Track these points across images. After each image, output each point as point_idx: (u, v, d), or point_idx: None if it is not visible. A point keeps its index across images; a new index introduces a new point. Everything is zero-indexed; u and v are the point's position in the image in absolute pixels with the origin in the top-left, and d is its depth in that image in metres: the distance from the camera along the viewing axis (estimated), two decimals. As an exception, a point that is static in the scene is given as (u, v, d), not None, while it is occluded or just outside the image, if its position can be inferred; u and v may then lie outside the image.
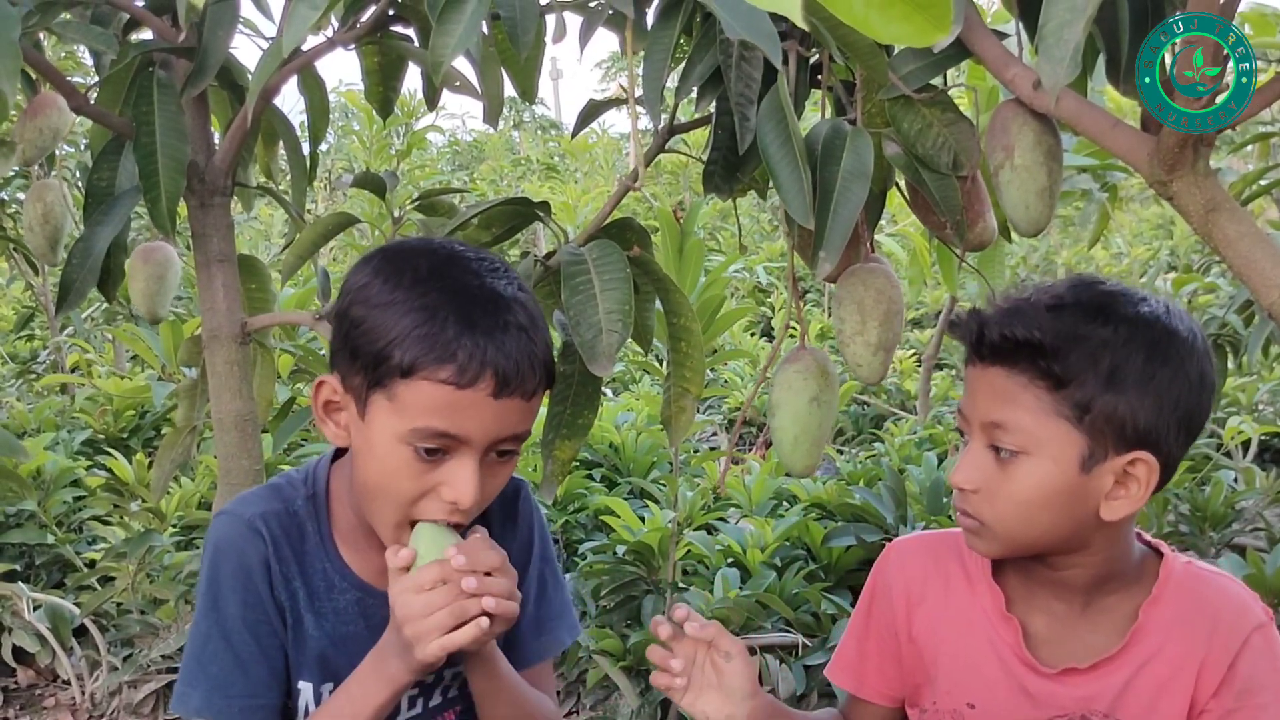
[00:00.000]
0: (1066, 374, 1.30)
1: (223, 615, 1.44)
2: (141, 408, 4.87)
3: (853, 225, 1.60)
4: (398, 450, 1.32)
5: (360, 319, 1.33)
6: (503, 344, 1.30)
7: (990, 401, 1.35)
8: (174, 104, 1.98)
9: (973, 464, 1.38)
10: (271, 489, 1.51)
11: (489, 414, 1.31)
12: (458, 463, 1.33)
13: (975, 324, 1.38)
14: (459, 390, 1.28)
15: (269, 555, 1.45)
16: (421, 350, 1.28)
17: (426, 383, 1.28)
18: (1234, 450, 4.42)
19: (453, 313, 1.29)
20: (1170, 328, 1.34)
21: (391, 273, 1.34)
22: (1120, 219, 8.48)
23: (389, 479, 1.35)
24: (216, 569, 1.45)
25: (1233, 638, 1.40)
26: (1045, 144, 1.55)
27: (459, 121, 22.01)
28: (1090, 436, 1.31)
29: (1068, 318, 1.32)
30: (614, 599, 3.10)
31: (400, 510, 1.36)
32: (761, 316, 9.02)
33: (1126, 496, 1.34)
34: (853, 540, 3.15)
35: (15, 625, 3.59)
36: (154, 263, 2.28)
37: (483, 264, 1.37)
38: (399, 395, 1.30)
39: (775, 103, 1.61)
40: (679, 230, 2.73)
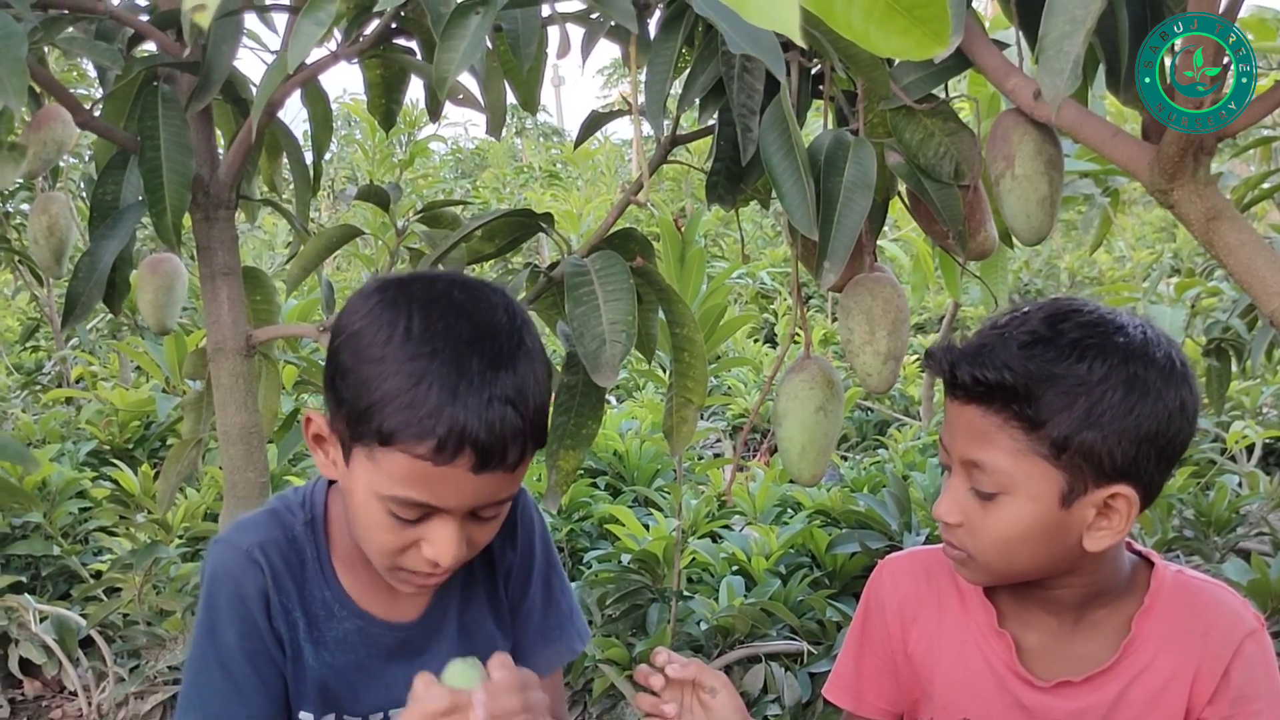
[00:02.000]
0: (1040, 415, 1.29)
1: (220, 644, 1.42)
2: (147, 419, 4.87)
3: (856, 236, 1.61)
4: (376, 506, 1.29)
5: (348, 369, 1.28)
6: (487, 419, 1.24)
7: (967, 440, 1.35)
8: (179, 118, 1.98)
9: (954, 498, 1.37)
10: (270, 514, 1.48)
11: (468, 487, 1.27)
12: (438, 523, 1.30)
13: (947, 363, 1.36)
14: (435, 467, 1.24)
15: (268, 586, 1.42)
16: (400, 422, 1.23)
17: (403, 455, 1.24)
18: (1238, 455, 4.42)
19: (437, 382, 1.23)
20: (1149, 357, 1.31)
21: (385, 323, 1.27)
22: (1123, 222, 8.48)
23: (370, 530, 1.33)
24: (213, 598, 1.43)
25: (1225, 646, 1.40)
26: (1046, 153, 1.55)
27: (461, 129, 22.01)
28: (1069, 473, 1.30)
29: (1041, 356, 1.30)
30: (619, 608, 3.11)
31: (385, 559, 1.35)
32: (765, 323, 9.02)
33: (1109, 528, 1.34)
34: (857, 547, 3.15)
35: (22, 637, 3.60)
36: (162, 274, 2.29)
37: (482, 315, 1.30)
38: (378, 459, 1.26)
39: (778, 114, 1.62)
40: (680, 239, 2.73)
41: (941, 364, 1.37)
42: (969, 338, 1.39)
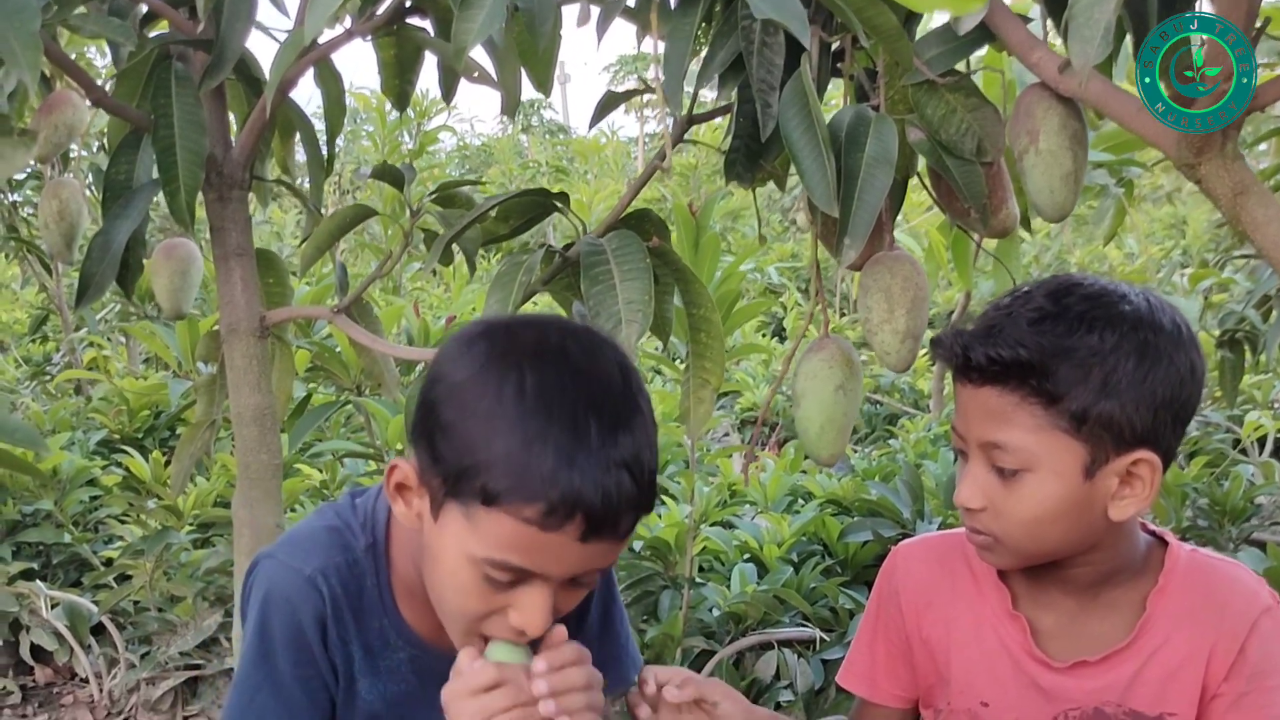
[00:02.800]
0: (1058, 389, 1.28)
1: (274, 669, 1.35)
2: (156, 408, 4.87)
3: (878, 212, 1.60)
4: (466, 569, 1.22)
5: (449, 424, 1.21)
6: (603, 486, 1.16)
7: (985, 423, 1.34)
8: (192, 96, 1.97)
9: (975, 483, 1.36)
10: (332, 534, 1.40)
11: (573, 555, 1.20)
12: (531, 591, 1.23)
13: (958, 346, 1.34)
14: (542, 532, 1.16)
15: (326, 616, 1.36)
16: (510, 483, 1.16)
17: (509, 517, 1.17)
18: (1250, 447, 4.40)
19: (552, 445, 1.16)
20: (1156, 324, 1.31)
21: (494, 377, 1.19)
22: (1133, 219, 8.47)
23: (456, 596, 1.26)
24: (267, 620, 1.36)
25: (1241, 622, 1.39)
26: (1071, 128, 1.54)
27: (468, 125, 22.03)
28: (1089, 444, 1.30)
29: (1052, 331, 1.30)
30: (630, 595, 3.09)
31: (466, 623, 1.28)
32: (773, 317, 9.01)
33: (1133, 496, 1.33)
34: (869, 535, 3.14)
35: (33, 624, 3.59)
36: (177, 259, 2.28)
37: (597, 372, 1.23)
38: (477, 519, 1.19)
39: (798, 89, 1.61)
40: (694, 225, 2.72)
41: (952, 348, 1.36)
42: (973, 321, 1.38)
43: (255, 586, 1.39)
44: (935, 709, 1.58)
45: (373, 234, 7.48)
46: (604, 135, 13.10)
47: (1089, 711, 1.44)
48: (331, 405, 3.12)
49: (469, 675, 1.25)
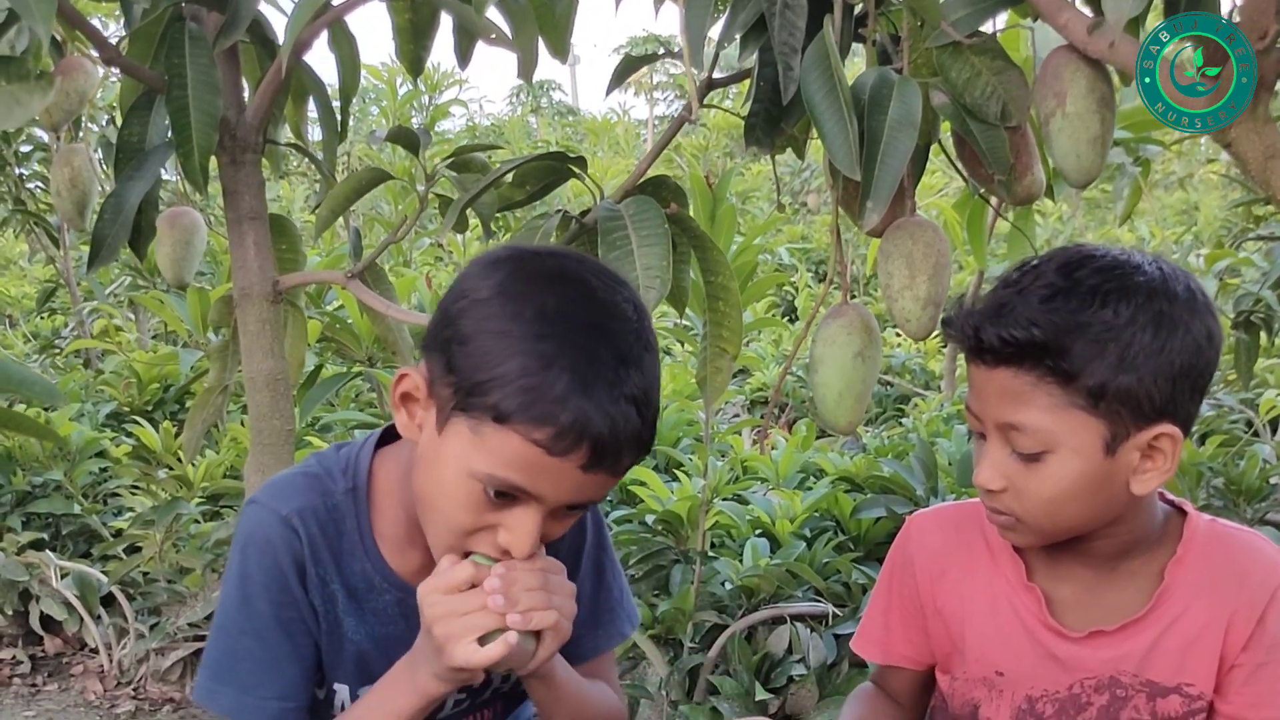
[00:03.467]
0: (1074, 366, 1.25)
1: (254, 612, 1.36)
2: (166, 381, 4.87)
3: (900, 176, 1.57)
4: (465, 483, 1.23)
5: (467, 337, 1.21)
6: (611, 417, 1.18)
7: (1001, 404, 1.31)
8: (206, 57, 1.95)
9: (994, 464, 1.34)
10: (310, 479, 1.41)
11: (572, 482, 1.21)
12: (522, 512, 1.24)
13: (970, 327, 1.32)
14: (548, 455, 1.18)
15: (305, 557, 1.36)
16: (523, 403, 1.17)
17: (517, 437, 1.17)
18: (1262, 430, 4.39)
19: (568, 369, 1.17)
20: (1171, 292, 1.28)
21: (516, 296, 1.21)
22: (1145, 204, 8.43)
23: (449, 506, 1.26)
24: (247, 564, 1.37)
25: (1261, 592, 1.37)
26: (1098, 91, 1.52)
27: (477, 106, 22.01)
28: (1109, 420, 1.27)
29: (1065, 307, 1.27)
30: (642, 568, 3.08)
31: (452, 537, 1.28)
32: (784, 298, 9.00)
33: (1155, 469, 1.31)
34: (883, 512, 3.12)
35: (43, 593, 3.59)
36: (180, 227, 2.26)
37: (615, 306, 1.24)
38: (485, 435, 1.19)
39: (821, 51, 1.58)
40: (711, 196, 2.70)
41: (964, 329, 1.33)
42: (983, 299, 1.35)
43: (238, 532, 1.40)
44: (951, 676, 1.57)
45: (381, 212, 7.47)
46: (614, 114, 13.08)
47: (1105, 681, 1.42)
48: (342, 377, 3.11)
49: (446, 573, 1.26)
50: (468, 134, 13.45)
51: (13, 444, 4.04)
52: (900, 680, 1.62)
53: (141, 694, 3.41)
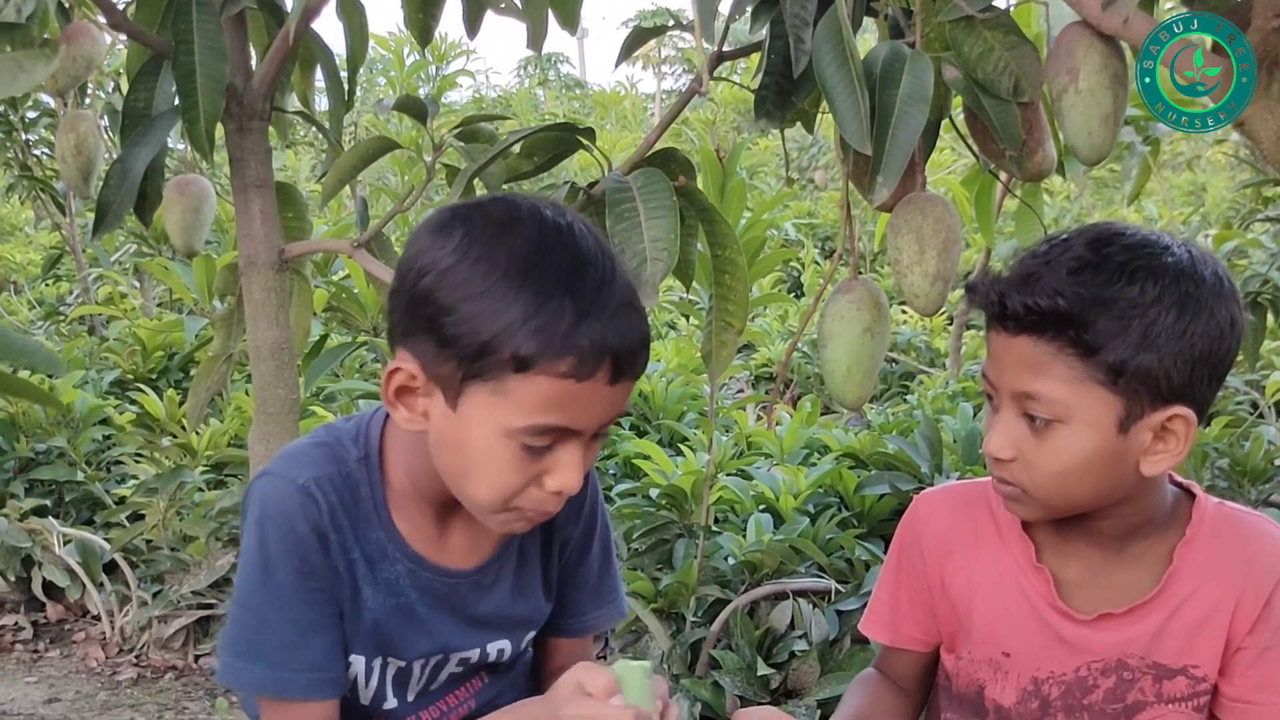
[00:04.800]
0: (1096, 340, 1.25)
1: (277, 584, 1.33)
2: (170, 349, 4.87)
3: (911, 150, 1.57)
4: (503, 444, 1.22)
5: (451, 305, 1.19)
6: (618, 326, 1.19)
7: (1019, 372, 1.31)
8: (213, 22, 1.94)
9: (1006, 432, 1.33)
10: (322, 448, 1.39)
11: (604, 401, 1.22)
12: (565, 451, 1.24)
13: (995, 294, 1.31)
14: (578, 383, 1.18)
15: (326, 525, 1.34)
16: (540, 343, 1.16)
17: (544, 377, 1.18)
18: (1268, 411, 4.38)
19: (566, 300, 1.18)
20: (1198, 276, 1.28)
21: (483, 252, 1.20)
22: (1153, 184, 8.41)
23: (491, 473, 1.25)
24: (265, 536, 1.34)
25: (1268, 576, 1.37)
26: (1111, 68, 1.50)
27: (484, 78, 21.95)
28: (1125, 397, 1.27)
29: (1092, 280, 1.26)
30: (645, 542, 3.08)
31: (503, 501, 1.27)
32: (790, 274, 8.98)
33: (1167, 451, 1.31)
34: (887, 489, 3.12)
35: (45, 560, 3.60)
36: (189, 195, 2.25)
37: (572, 228, 1.24)
38: (510, 390, 1.19)
39: (833, 24, 1.57)
40: (721, 170, 2.69)
41: (989, 295, 1.32)
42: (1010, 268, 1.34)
43: (251, 505, 1.37)
44: (957, 656, 1.56)
45: (387, 182, 7.45)
46: (622, 88, 13.04)
47: (1112, 664, 1.42)
48: (348, 346, 3.11)
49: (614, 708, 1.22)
50: (474, 106, 13.42)
51: (16, 410, 4.04)
52: (905, 664, 1.61)
53: (143, 661, 3.42)
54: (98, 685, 3.31)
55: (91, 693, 3.26)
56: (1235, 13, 1.39)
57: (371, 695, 1.45)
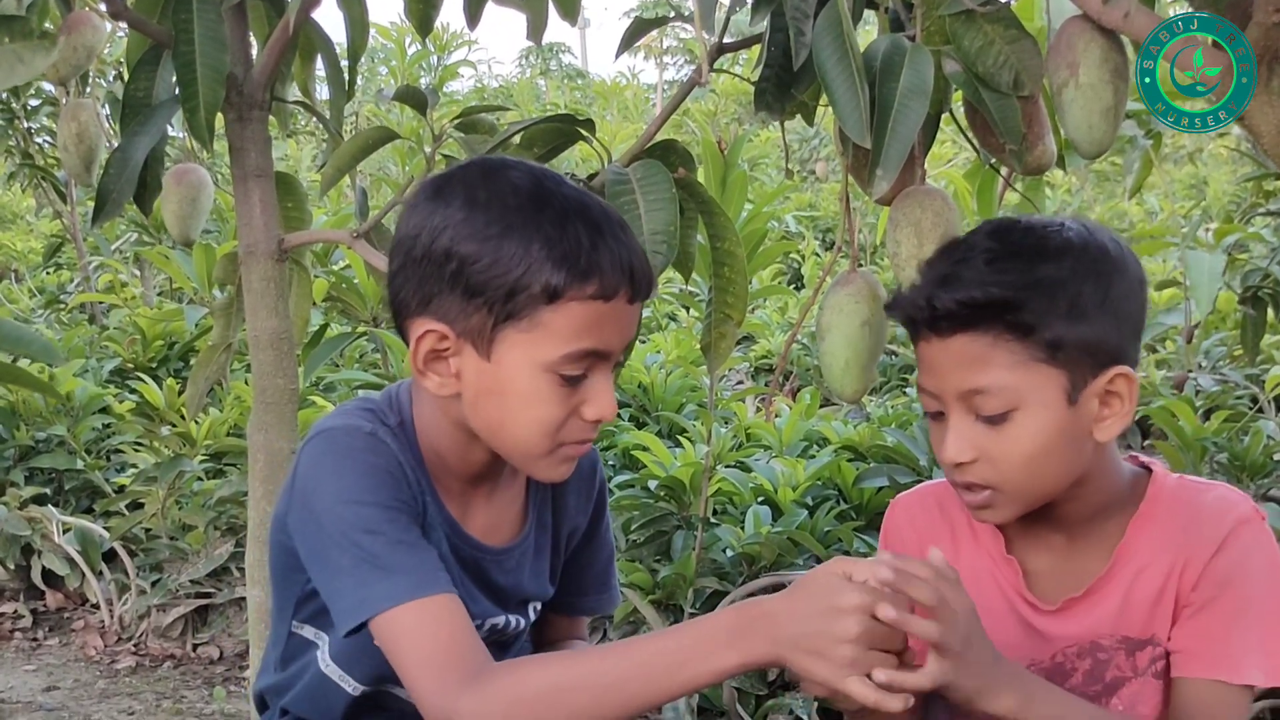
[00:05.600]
0: (1031, 320, 1.28)
1: (378, 507, 1.29)
2: (170, 338, 4.87)
3: (911, 144, 1.56)
4: (542, 380, 1.26)
5: (474, 255, 1.23)
6: (628, 247, 1.27)
7: (961, 371, 1.32)
8: (213, 12, 1.94)
9: (962, 435, 1.34)
10: (367, 413, 1.37)
11: (627, 320, 1.29)
12: (596, 379, 1.29)
13: (922, 300, 1.33)
14: (606, 303, 1.25)
15: (398, 464, 1.33)
16: (566, 272, 1.22)
17: (575, 303, 1.23)
18: (1267, 405, 4.38)
19: (580, 227, 1.24)
20: (1100, 244, 1.34)
21: (487, 199, 1.25)
22: (1154, 178, 8.41)
23: (535, 411, 1.28)
24: (349, 470, 1.30)
25: (1215, 532, 1.37)
26: (1112, 61, 1.50)
27: (486, 67, 21.93)
28: (1068, 370, 1.30)
29: (1012, 266, 1.30)
30: (644, 533, 3.09)
31: (549, 439, 1.30)
32: (790, 266, 8.98)
33: (1114, 414, 1.34)
34: (885, 481, 3.13)
35: (45, 548, 3.61)
36: (187, 184, 2.25)
37: (552, 172, 1.33)
38: (544, 323, 1.24)
39: (833, 16, 1.57)
40: (723, 162, 2.68)
41: (915, 303, 1.34)
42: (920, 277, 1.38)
43: (321, 453, 1.33)
44: None
45: (388, 172, 7.44)
46: (624, 77, 13.03)
47: (1086, 647, 1.43)
48: (347, 336, 3.11)
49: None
50: (476, 95, 13.41)
51: (16, 399, 4.04)
52: None
53: (142, 650, 3.42)
54: (96, 674, 3.32)
55: (90, 681, 3.27)
56: (1236, 7, 1.39)
57: None
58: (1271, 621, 1.36)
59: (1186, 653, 1.39)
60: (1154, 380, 4.73)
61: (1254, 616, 1.35)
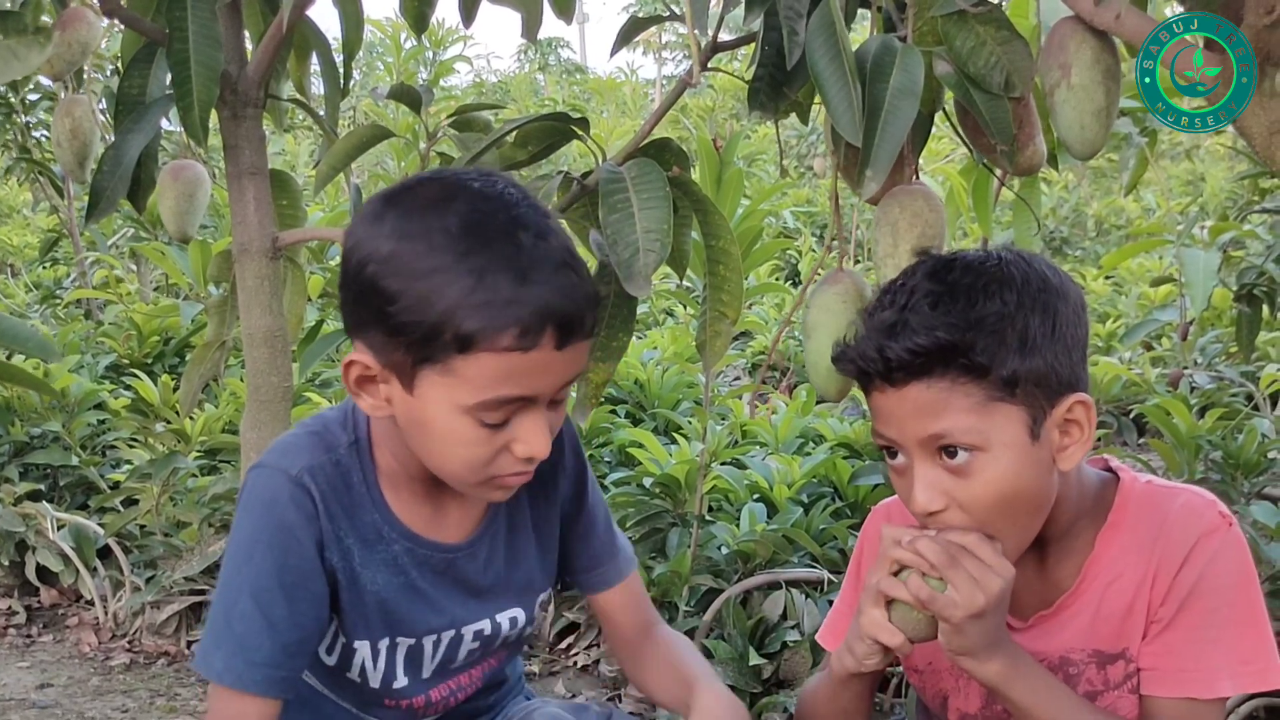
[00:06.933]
0: (983, 359, 1.27)
1: (256, 572, 1.35)
2: (166, 334, 4.87)
3: (900, 144, 1.56)
4: (461, 421, 1.25)
5: (398, 293, 1.21)
6: (558, 289, 1.21)
7: (920, 419, 1.30)
8: (208, 10, 1.94)
9: (929, 484, 1.32)
10: (313, 436, 1.42)
11: (555, 366, 1.25)
12: (525, 419, 1.27)
13: (872, 352, 1.31)
14: (524, 354, 1.21)
15: (319, 514, 1.37)
16: (480, 322, 1.19)
17: (488, 354, 1.20)
18: (1262, 402, 4.39)
19: (503, 269, 1.19)
20: (1039, 274, 1.33)
21: (418, 234, 1.22)
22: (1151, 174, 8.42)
23: (458, 450, 1.28)
24: (254, 525, 1.36)
25: (1182, 543, 1.37)
26: (1104, 63, 1.50)
27: (484, 62, 21.91)
28: (1026, 405, 1.29)
29: (955, 307, 1.29)
30: (639, 531, 3.09)
31: (476, 474, 1.30)
32: (787, 262, 8.98)
33: (1074, 441, 1.33)
34: (880, 479, 3.13)
35: (39, 545, 3.60)
36: (184, 180, 2.25)
37: (501, 196, 1.26)
38: (457, 370, 1.22)
39: (825, 17, 1.57)
40: (718, 159, 2.68)
41: (865, 356, 1.33)
42: (857, 335, 1.36)
43: (244, 496, 1.40)
44: (915, 669, 1.57)
45: (385, 169, 7.44)
46: (622, 73, 13.02)
47: (1056, 662, 1.43)
48: (342, 333, 3.10)
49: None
50: (474, 90, 13.39)
51: (11, 395, 4.04)
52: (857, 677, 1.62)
53: (136, 647, 3.42)
54: (90, 670, 3.31)
55: (84, 678, 3.27)
56: (1227, 9, 1.39)
57: (380, 677, 1.48)
58: (1240, 629, 1.36)
59: (1157, 671, 1.39)
60: (1149, 377, 4.74)
61: (1221, 627, 1.36)
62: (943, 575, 1.29)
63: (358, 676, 1.47)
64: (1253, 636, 1.36)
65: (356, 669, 1.47)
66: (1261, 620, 1.37)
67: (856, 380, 1.38)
